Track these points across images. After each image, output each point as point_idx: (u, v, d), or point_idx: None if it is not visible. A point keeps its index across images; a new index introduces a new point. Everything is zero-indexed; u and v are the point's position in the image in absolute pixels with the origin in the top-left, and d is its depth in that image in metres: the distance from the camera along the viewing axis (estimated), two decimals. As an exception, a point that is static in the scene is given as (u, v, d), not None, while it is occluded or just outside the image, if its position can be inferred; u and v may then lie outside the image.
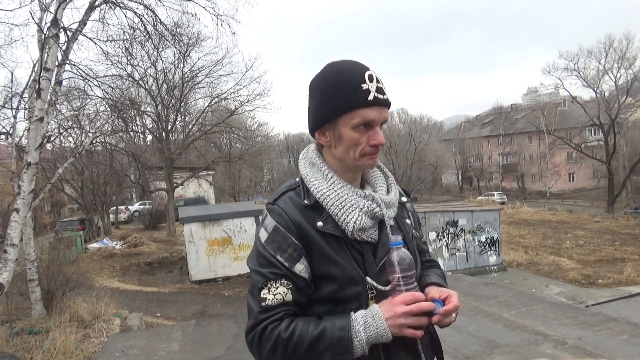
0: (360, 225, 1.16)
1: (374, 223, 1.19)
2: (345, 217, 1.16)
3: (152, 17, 8.54)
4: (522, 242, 19.27)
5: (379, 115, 1.13)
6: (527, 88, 75.03)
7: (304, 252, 1.16)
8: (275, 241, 1.17)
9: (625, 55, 33.26)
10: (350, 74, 1.13)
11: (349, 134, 1.15)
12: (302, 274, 1.15)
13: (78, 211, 29.20)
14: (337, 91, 1.12)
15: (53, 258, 8.87)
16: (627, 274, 13.07)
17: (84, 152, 14.77)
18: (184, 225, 13.87)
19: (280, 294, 1.13)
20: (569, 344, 5.49)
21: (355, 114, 1.12)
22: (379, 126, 1.16)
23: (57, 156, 17.97)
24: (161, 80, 21.61)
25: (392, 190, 1.28)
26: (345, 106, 1.13)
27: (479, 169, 54.85)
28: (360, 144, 1.15)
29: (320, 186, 1.20)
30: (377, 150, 1.18)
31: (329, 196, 1.18)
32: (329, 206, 1.18)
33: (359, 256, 1.17)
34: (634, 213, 26.60)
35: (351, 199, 1.18)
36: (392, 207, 1.24)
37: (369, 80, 1.11)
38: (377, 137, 1.15)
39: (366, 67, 1.15)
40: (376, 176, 1.31)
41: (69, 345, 5.86)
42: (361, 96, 1.10)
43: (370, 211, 1.18)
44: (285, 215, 1.19)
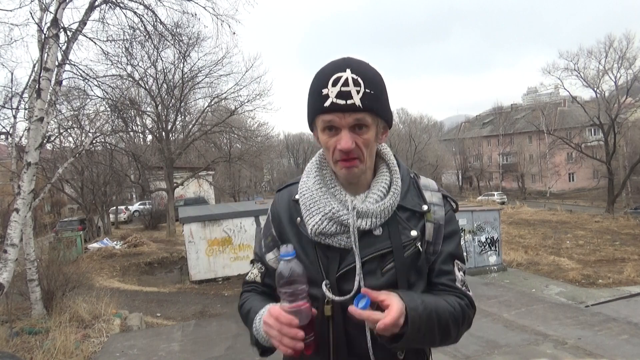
0: (319, 230, 1.14)
1: (342, 229, 1.14)
2: (309, 219, 1.16)
3: (152, 17, 8.55)
4: (522, 242, 19.26)
5: (340, 120, 1.07)
6: (527, 88, 75.15)
7: (278, 243, 1.24)
8: (265, 227, 1.32)
9: (625, 55, 33.26)
10: (318, 78, 1.10)
11: (321, 137, 1.13)
12: (271, 263, 1.27)
13: (78, 211, 29.19)
14: (309, 95, 1.13)
15: (53, 258, 8.86)
16: (627, 274, 13.06)
17: (84, 152, 14.77)
18: (184, 225, 13.86)
19: (254, 274, 1.33)
20: (569, 344, 5.48)
21: (319, 119, 1.11)
22: (347, 130, 1.08)
23: (57, 156, 17.97)
24: (161, 80, 21.59)
25: (387, 198, 1.17)
26: (310, 112, 1.13)
27: (479, 169, 54.84)
28: (329, 147, 1.12)
29: (304, 184, 1.23)
30: (348, 156, 1.10)
31: (304, 195, 1.20)
32: (301, 205, 1.20)
33: (325, 259, 1.16)
34: (634, 213, 26.58)
35: (321, 202, 1.16)
36: (371, 216, 1.14)
37: (331, 84, 1.06)
38: (341, 141, 1.09)
39: (339, 69, 1.08)
40: (379, 180, 1.22)
41: (69, 345, 5.85)
42: (320, 102, 1.08)
43: (335, 217, 1.13)
44: (274, 207, 1.30)
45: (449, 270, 1.21)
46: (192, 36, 16.78)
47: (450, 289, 1.20)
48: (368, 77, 1.08)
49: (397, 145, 51.52)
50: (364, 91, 1.06)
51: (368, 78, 1.08)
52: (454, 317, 1.14)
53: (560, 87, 37.12)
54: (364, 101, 1.06)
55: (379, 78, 1.12)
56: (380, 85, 1.11)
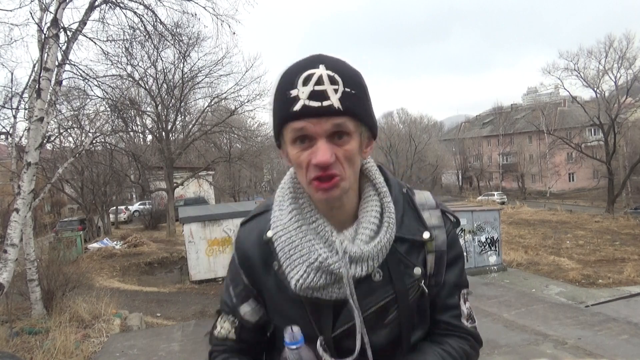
0: (305, 285, 0.93)
1: (334, 278, 0.93)
2: (290, 271, 0.95)
3: (152, 17, 8.55)
4: (522, 242, 19.26)
5: (314, 127, 0.86)
6: (527, 88, 75.10)
7: (254, 293, 1.04)
8: (231, 271, 1.08)
9: (625, 55, 33.27)
10: (284, 77, 0.90)
11: (290, 151, 0.91)
12: (248, 317, 1.05)
13: (78, 211, 29.19)
14: (274, 99, 0.91)
15: (53, 258, 8.87)
16: (627, 274, 13.06)
17: (84, 152, 14.77)
18: (184, 225, 13.86)
19: (225, 329, 1.08)
20: (569, 344, 5.48)
21: (287, 128, 0.89)
22: (324, 139, 0.87)
23: (57, 156, 17.97)
24: (161, 80, 21.59)
25: (382, 233, 0.96)
26: (276, 120, 0.91)
27: (479, 169, 54.83)
28: (301, 163, 0.89)
29: (277, 221, 0.99)
30: (325, 173, 0.87)
31: (280, 238, 0.97)
32: (278, 251, 0.97)
33: (316, 313, 0.97)
34: (634, 213, 26.57)
35: (303, 247, 0.94)
36: (367, 260, 0.94)
37: (301, 83, 0.86)
38: (317, 153, 0.86)
39: (310, 65, 0.88)
40: (368, 208, 0.98)
41: (69, 345, 5.86)
42: (288, 106, 0.87)
43: (324, 267, 0.92)
44: (241, 247, 1.05)
45: (453, 304, 1.05)
46: (192, 36, 16.80)
47: (454, 329, 1.04)
48: (347, 74, 0.88)
49: (397, 145, 51.57)
50: (343, 90, 0.86)
51: (346, 75, 0.88)
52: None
53: (560, 87, 37.18)
54: (344, 102, 0.86)
55: (360, 77, 0.92)
56: (361, 85, 0.91)
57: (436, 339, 1.04)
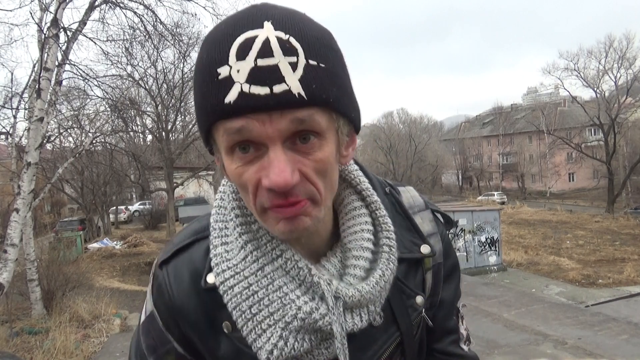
0: (283, 356, 0.62)
1: (322, 336, 0.64)
2: (256, 337, 0.63)
3: (152, 17, 8.56)
4: (522, 242, 19.26)
5: (262, 128, 0.53)
6: (527, 88, 75.04)
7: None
8: (149, 335, 0.73)
9: (625, 55, 33.34)
10: (210, 46, 0.56)
11: (227, 163, 0.59)
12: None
13: (78, 211, 29.20)
14: (194, 84, 0.58)
15: (53, 258, 8.88)
16: (627, 274, 13.06)
17: (84, 152, 14.76)
18: (184, 225, 13.88)
19: None
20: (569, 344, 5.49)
21: (219, 127, 0.56)
22: (280, 145, 0.55)
23: (57, 156, 17.97)
24: (161, 80, 21.61)
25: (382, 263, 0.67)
26: (202, 116, 0.57)
27: (479, 169, 54.84)
28: (246, 184, 0.57)
29: (223, 260, 0.66)
30: (285, 201, 0.56)
31: (232, 289, 0.64)
32: (231, 309, 0.64)
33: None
34: (634, 213, 26.58)
35: (272, 299, 0.63)
36: (367, 304, 0.66)
37: (236, 56, 0.52)
38: (269, 170, 0.54)
39: (249, 23, 0.54)
40: (356, 228, 0.69)
41: (69, 345, 5.86)
42: (215, 94, 0.54)
43: (308, 324, 0.62)
44: (168, 298, 0.69)
45: (451, 327, 0.84)
46: (192, 36, 16.81)
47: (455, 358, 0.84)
48: (308, 35, 0.55)
49: (397, 145, 51.56)
50: (306, 63, 0.53)
51: (309, 37, 0.54)
52: None
53: (560, 87, 37.27)
54: (309, 83, 0.53)
55: (330, 38, 0.58)
56: (334, 51, 0.58)
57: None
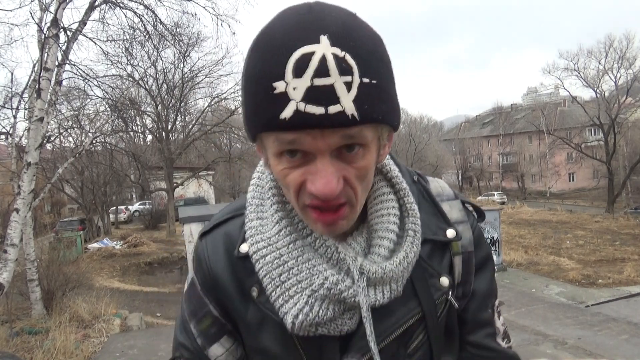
0: (307, 322, 0.66)
1: (344, 307, 0.68)
2: (283, 303, 0.68)
3: (152, 17, 8.56)
4: (522, 242, 19.25)
5: (314, 143, 0.56)
6: (527, 88, 75.05)
7: (227, 327, 0.77)
8: (191, 301, 0.80)
9: (625, 55, 33.32)
10: (265, 55, 0.56)
11: (274, 164, 0.62)
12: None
13: (78, 211, 29.19)
14: (246, 88, 0.59)
15: (53, 258, 8.88)
16: (627, 274, 13.05)
17: (84, 152, 14.77)
18: (184, 225, 13.82)
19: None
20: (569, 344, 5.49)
21: (270, 136, 0.59)
22: (328, 156, 0.58)
23: (57, 156, 17.96)
24: (161, 80, 21.64)
25: (406, 245, 0.70)
26: (253, 120, 0.60)
27: (479, 169, 54.85)
28: (289, 184, 0.61)
29: (257, 233, 0.72)
30: (328, 204, 0.60)
31: (265, 258, 0.69)
32: (262, 276, 0.70)
33: (316, 352, 0.72)
34: (634, 213, 26.58)
35: (301, 269, 0.68)
36: (389, 282, 0.69)
37: (293, 73, 0.53)
38: (316, 178, 0.58)
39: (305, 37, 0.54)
40: (383, 211, 0.72)
41: (69, 345, 5.86)
42: (271, 108, 0.55)
43: (333, 295, 0.66)
44: (205, 266, 0.77)
45: (486, 320, 0.81)
46: (192, 36, 16.84)
47: (492, 354, 0.80)
48: (364, 49, 0.56)
49: (397, 145, 51.45)
50: (360, 83, 0.54)
51: (365, 52, 0.56)
52: None
53: (560, 87, 37.26)
54: (362, 105, 0.55)
55: (381, 47, 0.60)
56: (385, 62, 0.59)
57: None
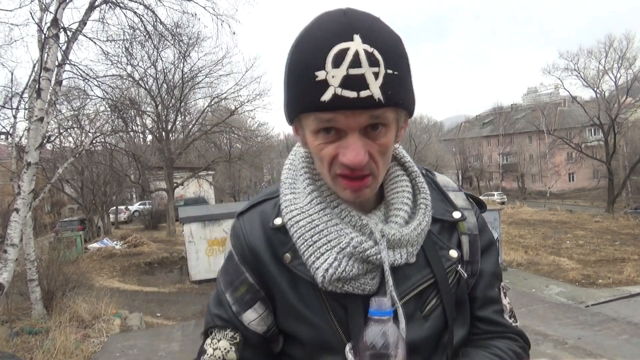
0: (336, 275, 0.77)
1: (367, 267, 0.79)
2: (315, 260, 0.79)
3: (152, 17, 8.57)
4: (522, 242, 19.25)
5: (347, 121, 0.70)
6: (527, 88, 75.05)
7: (261, 294, 0.86)
8: (228, 273, 0.89)
9: (625, 55, 33.33)
10: (309, 48, 0.71)
11: (310, 140, 0.76)
12: (254, 326, 0.86)
13: (78, 211, 29.19)
14: (290, 76, 0.74)
15: (53, 258, 8.88)
16: (627, 274, 13.05)
17: (84, 152, 14.78)
18: (184, 225, 13.87)
19: (221, 350, 0.87)
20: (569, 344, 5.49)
21: (310, 116, 0.73)
22: (357, 133, 0.72)
23: (57, 156, 17.96)
24: (161, 80, 21.63)
25: (419, 216, 0.84)
26: (295, 105, 0.75)
27: (479, 169, 54.84)
28: (324, 157, 0.75)
29: (291, 204, 0.84)
30: (355, 174, 0.74)
31: (298, 223, 0.81)
32: (296, 238, 0.81)
33: (342, 312, 0.81)
34: (634, 213, 26.57)
35: (330, 232, 0.79)
36: (406, 245, 0.81)
37: (332, 64, 0.67)
38: (347, 152, 0.72)
39: (342, 35, 0.68)
40: (398, 189, 0.86)
41: (69, 345, 5.86)
42: (313, 93, 0.69)
43: (358, 252, 0.77)
44: (242, 239, 0.88)
45: (494, 297, 0.92)
46: (192, 36, 16.83)
47: (500, 328, 0.91)
48: (388, 46, 0.71)
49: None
50: (385, 73, 0.69)
51: (388, 49, 0.70)
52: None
53: (560, 87, 37.26)
54: (386, 90, 0.69)
55: (401, 45, 0.75)
56: (404, 57, 0.74)
57: (480, 343, 0.90)
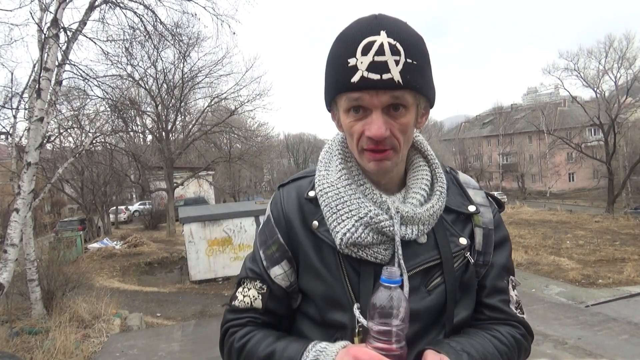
0: (352, 240, 0.91)
1: (381, 239, 0.92)
2: (336, 225, 0.93)
3: (152, 17, 8.56)
4: (522, 242, 19.23)
5: (371, 99, 0.85)
6: (527, 88, 75.05)
7: (288, 254, 1.00)
8: (264, 233, 1.05)
9: (625, 55, 33.26)
10: (343, 42, 0.88)
11: (343, 119, 0.92)
12: (279, 280, 1.00)
13: (78, 211, 29.19)
14: (328, 65, 0.91)
15: (53, 258, 8.89)
16: (627, 274, 13.04)
17: (84, 152, 14.76)
18: (184, 225, 13.86)
19: (250, 297, 1.01)
20: (569, 344, 5.49)
21: (342, 97, 0.89)
22: (380, 111, 0.86)
23: (57, 156, 17.95)
24: (161, 80, 21.62)
25: (434, 200, 0.96)
26: (331, 88, 0.91)
27: (479, 169, 54.80)
28: (354, 133, 0.90)
29: (323, 179, 0.99)
30: (378, 147, 0.88)
31: (327, 194, 0.96)
32: (323, 207, 0.96)
33: (355, 276, 0.94)
34: (634, 213, 26.55)
35: (352, 203, 0.93)
36: (417, 223, 0.93)
37: (361, 52, 0.83)
38: (371, 126, 0.86)
39: (371, 31, 0.84)
40: (418, 176, 1.00)
41: (69, 345, 5.86)
42: (345, 76, 0.85)
43: (374, 223, 0.91)
44: (280, 206, 1.03)
45: (502, 287, 1.01)
46: (192, 36, 16.80)
47: (503, 316, 1.00)
48: (409, 42, 0.85)
49: (397, 145, 51.41)
50: (405, 61, 0.84)
51: (409, 43, 0.85)
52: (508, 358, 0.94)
53: (560, 87, 37.16)
54: (405, 75, 0.84)
55: (422, 43, 0.89)
56: (424, 52, 0.89)
57: (483, 326, 1.00)
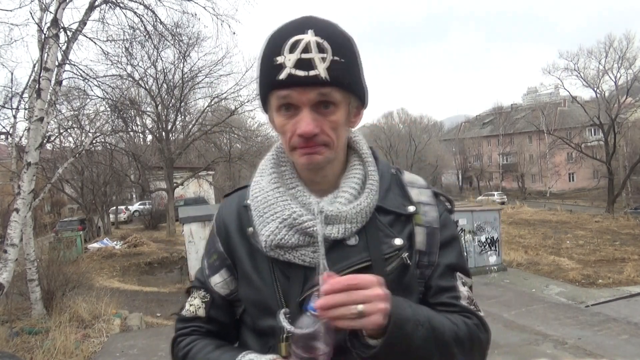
0: (275, 241, 0.90)
1: (308, 240, 0.89)
2: (262, 228, 0.93)
3: (152, 17, 8.56)
4: (522, 242, 19.24)
5: (299, 97, 0.84)
6: (527, 88, 74.97)
7: (228, 262, 1.00)
8: (208, 243, 1.06)
9: (625, 55, 33.33)
10: (271, 42, 0.87)
11: (275, 118, 0.91)
12: (219, 288, 1.01)
13: (78, 211, 29.20)
14: (260, 64, 0.90)
15: (53, 258, 8.89)
16: (627, 274, 13.05)
17: (84, 152, 14.76)
18: (184, 225, 13.85)
19: (194, 306, 1.03)
20: (569, 344, 5.49)
21: (273, 95, 0.88)
22: (309, 109, 0.85)
23: (57, 156, 17.94)
24: (161, 80, 21.60)
25: (362, 198, 0.93)
26: (262, 86, 0.91)
27: (479, 169, 54.84)
28: (286, 132, 0.89)
29: (256, 185, 0.99)
30: (307, 143, 0.86)
31: (256, 198, 0.96)
32: (252, 211, 0.96)
33: (285, 280, 0.92)
34: (634, 213, 26.57)
35: (278, 205, 0.92)
36: (344, 222, 0.90)
37: (288, 50, 0.83)
38: (300, 123, 0.85)
39: (298, 30, 0.85)
40: (350, 176, 0.97)
41: (69, 345, 5.86)
42: (273, 74, 0.85)
43: (297, 224, 0.89)
44: (220, 216, 1.05)
45: (449, 286, 0.96)
46: (192, 36, 16.79)
47: (455, 309, 0.94)
48: (337, 41, 0.86)
49: (397, 145, 51.58)
50: (332, 59, 0.84)
51: (336, 42, 0.86)
52: (457, 336, 0.87)
53: (560, 87, 37.30)
54: (331, 72, 0.83)
55: (351, 42, 0.89)
56: (351, 51, 0.89)
57: None
